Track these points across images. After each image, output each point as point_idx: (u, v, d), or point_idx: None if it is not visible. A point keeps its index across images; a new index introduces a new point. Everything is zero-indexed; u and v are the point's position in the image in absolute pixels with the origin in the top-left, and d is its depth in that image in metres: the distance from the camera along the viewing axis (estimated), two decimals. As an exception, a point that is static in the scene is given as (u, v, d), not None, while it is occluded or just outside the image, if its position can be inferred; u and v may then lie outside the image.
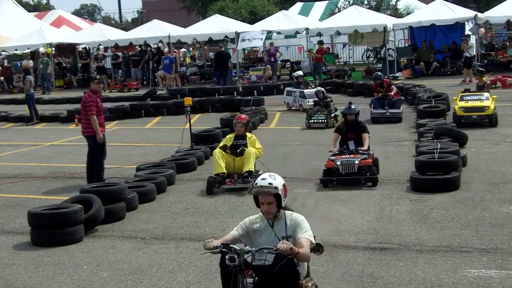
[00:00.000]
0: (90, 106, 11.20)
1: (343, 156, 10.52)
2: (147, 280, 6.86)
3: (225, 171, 10.61)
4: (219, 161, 10.61)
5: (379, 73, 18.74)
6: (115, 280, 6.94)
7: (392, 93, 17.01)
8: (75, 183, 11.77)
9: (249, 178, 10.40)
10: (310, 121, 16.70)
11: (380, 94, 16.96)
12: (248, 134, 11.11)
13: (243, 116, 11.58)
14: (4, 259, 7.89)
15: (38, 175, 12.95)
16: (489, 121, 15.23)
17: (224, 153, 10.77)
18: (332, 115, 16.77)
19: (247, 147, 10.80)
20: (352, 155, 10.49)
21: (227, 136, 11.34)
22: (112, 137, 11.83)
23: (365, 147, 10.71)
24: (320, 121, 16.63)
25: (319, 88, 18.70)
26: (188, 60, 37.07)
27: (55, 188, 11.75)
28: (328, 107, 17.16)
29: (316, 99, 17.73)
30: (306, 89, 19.45)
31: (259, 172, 10.31)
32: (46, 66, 30.42)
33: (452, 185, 9.78)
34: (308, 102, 18.78)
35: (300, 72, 21.79)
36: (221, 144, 11.12)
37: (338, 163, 10.38)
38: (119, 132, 18.08)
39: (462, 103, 15.46)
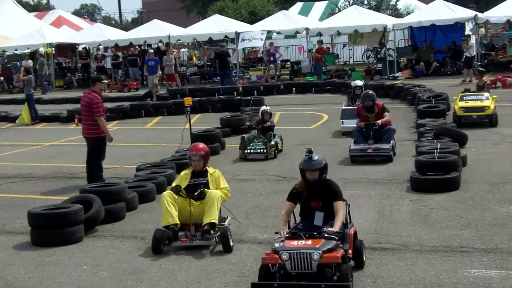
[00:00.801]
0: (98, 107, 11.10)
1: (295, 244, 6.16)
2: (147, 280, 6.86)
3: (178, 222, 7.76)
4: (170, 208, 7.76)
5: (371, 92, 13.10)
6: (115, 280, 6.94)
7: (380, 122, 12.47)
8: (75, 183, 11.76)
9: (211, 233, 7.67)
10: (246, 151, 13.28)
11: (363, 123, 12.56)
12: (210, 170, 8.25)
13: (201, 145, 8.39)
14: (4, 259, 7.89)
15: (38, 175, 12.94)
16: (489, 121, 15.23)
17: (176, 196, 7.89)
18: (273, 142, 13.38)
19: (208, 188, 8.03)
20: (310, 242, 6.15)
21: (181, 173, 8.40)
22: (112, 137, 11.79)
23: (337, 226, 6.45)
24: (258, 151, 13.23)
25: (265, 108, 14.72)
26: (195, 59, 37.04)
27: (55, 188, 11.74)
28: (265, 132, 13.75)
29: (260, 121, 14.27)
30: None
31: (226, 222, 8.07)
32: (42, 67, 30.42)
33: (452, 185, 9.78)
34: (342, 124, 15.17)
35: (359, 82, 15.92)
36: (173, 185, 8.25)
37: (285, 256, 6.03)
38: (119, 132, 18.04)
39: (462, 103, 15.46)
